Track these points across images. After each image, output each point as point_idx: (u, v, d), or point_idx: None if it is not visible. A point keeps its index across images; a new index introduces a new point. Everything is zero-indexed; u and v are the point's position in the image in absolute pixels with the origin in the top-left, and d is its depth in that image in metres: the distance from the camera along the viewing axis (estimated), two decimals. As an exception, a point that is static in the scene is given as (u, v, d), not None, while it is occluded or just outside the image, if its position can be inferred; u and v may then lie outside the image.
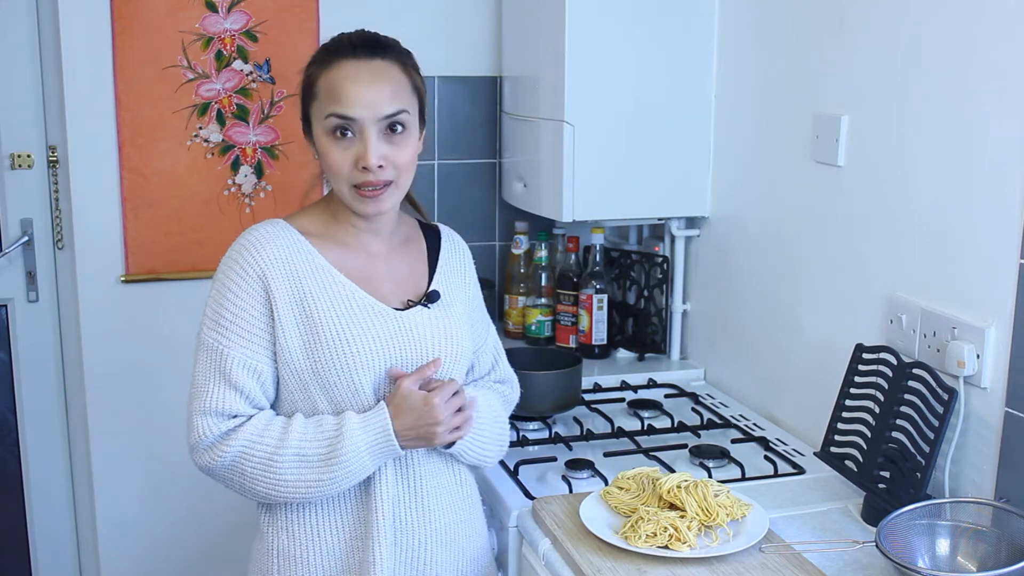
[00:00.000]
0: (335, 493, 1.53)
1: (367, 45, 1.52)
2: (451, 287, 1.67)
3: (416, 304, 1.60)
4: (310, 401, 1.54)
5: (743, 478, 1.85)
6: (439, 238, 1.72)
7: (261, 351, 1.52)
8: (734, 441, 2.02)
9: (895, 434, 1.67)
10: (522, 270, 2.68)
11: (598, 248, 2.57)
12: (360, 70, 1.50)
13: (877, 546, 1.42)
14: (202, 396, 1.50)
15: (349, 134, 1.50)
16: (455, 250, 1.72)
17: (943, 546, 1.49)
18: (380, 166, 1.49)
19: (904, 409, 1.66)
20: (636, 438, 2.03)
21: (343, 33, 1.56)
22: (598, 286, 2.55)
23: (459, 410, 1.56)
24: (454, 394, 1.55)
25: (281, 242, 1.54)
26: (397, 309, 1.58)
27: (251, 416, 1.51)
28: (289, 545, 1.57)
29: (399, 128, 1.51)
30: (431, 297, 1.62)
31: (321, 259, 1.55)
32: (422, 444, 1.55)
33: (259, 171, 2.60)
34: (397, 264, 1.63)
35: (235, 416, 1.51)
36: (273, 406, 1.57)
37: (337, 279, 1.55)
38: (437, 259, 1.68)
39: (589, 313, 2.56)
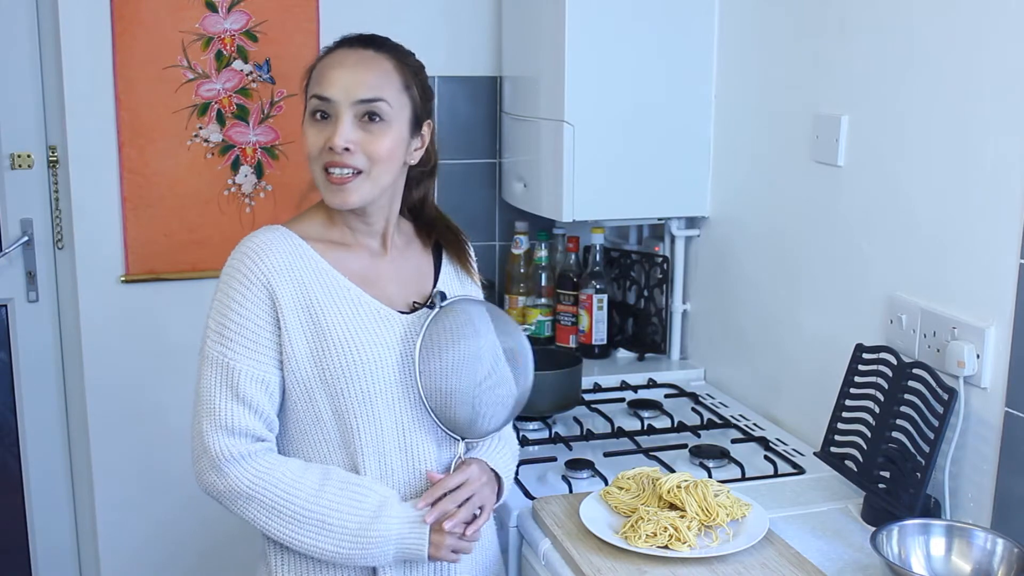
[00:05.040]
0: (341, 565, 1.50)
1: (364, 40, 1.54)
2: (455, 286, 1.65)
3: (422, 306, 1.58)
4: (314, 411, 1.51)
5: (743, 478, 1.85)
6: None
7: (269, 362, 1.48)
8: (734, 441, 2.02)
9: (895, 434, 1.67)
10: (522, 270, 2.68)
11: (598, 248, 2.57)
12: (347, 56, 1.51)
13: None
14: (213, 414, 1.46)
15: (326, 116, 1.49)
16: (456, 246, 1.70)
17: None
18: (347, 149, 1.47)
19: (904, 409, 1.66)
20: (636, 438, 2.03)
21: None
22: (598, 286, 2.55)
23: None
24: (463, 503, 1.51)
25: (283, 248, 1.50)
26: (403, 312, 1.55)
27: (271, 452, 1.49)
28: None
29: (376, 118, 1.49)
30: (437, 298, 1.59)
31: (324, 263, 1.52)
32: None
33: (259, 171, 2.60)
34: (400, 264, 1.61)
35: (255, 437, 1.47)
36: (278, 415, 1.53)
37: (341, 283, 1.52)
38: (441, 257, 1.67)
39: (589, 313, 2.56)
